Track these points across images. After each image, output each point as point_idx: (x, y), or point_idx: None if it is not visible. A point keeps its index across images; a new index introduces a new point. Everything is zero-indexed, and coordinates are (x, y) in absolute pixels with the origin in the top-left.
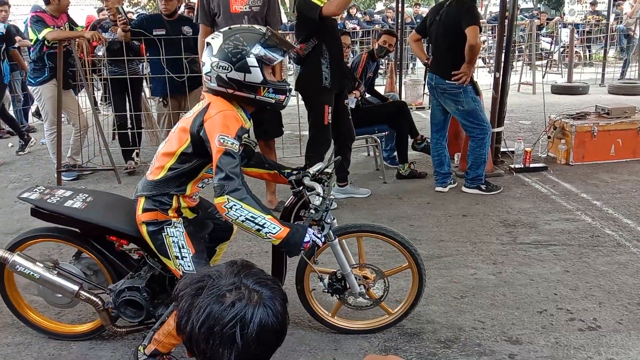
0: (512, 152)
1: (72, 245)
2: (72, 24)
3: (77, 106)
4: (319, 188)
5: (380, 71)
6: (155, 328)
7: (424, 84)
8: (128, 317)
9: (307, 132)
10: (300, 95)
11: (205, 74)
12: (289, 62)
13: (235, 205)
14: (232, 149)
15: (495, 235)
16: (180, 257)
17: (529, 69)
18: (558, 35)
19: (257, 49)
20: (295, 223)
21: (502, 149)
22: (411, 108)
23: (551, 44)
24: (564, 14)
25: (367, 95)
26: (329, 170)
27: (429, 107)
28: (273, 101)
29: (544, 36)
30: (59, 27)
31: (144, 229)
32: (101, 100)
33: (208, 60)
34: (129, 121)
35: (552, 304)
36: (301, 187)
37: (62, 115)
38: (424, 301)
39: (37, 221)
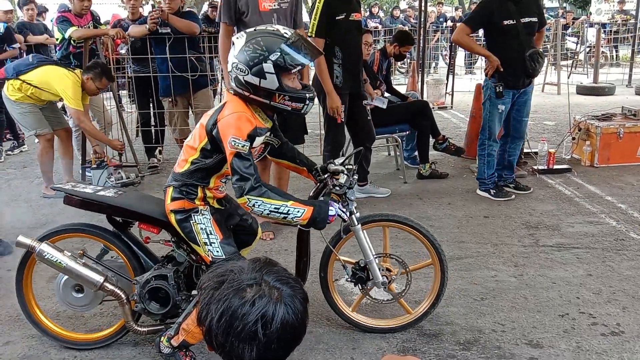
0: (536, 153)
1: (99, 240)
2: (97, 22)
3: (102, 103)
4: (342, 168)
5: (402, 70)
6: (180, 321)
7: (446, 84)
8: (152, 310)
9: None
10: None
11: (228, 72)
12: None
13: (256, 202)
14: (243, 150)
15: (517, 237)
16: (208, 243)
17: (554, 69)
18: (584, 35)
19: (276, 55)
20: (318, 199)
21: (525, 150)
22: (433, 108)
23: (577, 43)
24: (590, 14)
25: (387, 95)
26: (351, 164)
27: (451, 107)
28: (289, 108)
29: (569, 36)
30: (83, 26)
31: (172, 218)
32: (130, 97)
33: (230, 60)
34: (152, 119)
35: (574, 307)
36: (326, 175)
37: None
38: (443, 302)
39: (63, 217)
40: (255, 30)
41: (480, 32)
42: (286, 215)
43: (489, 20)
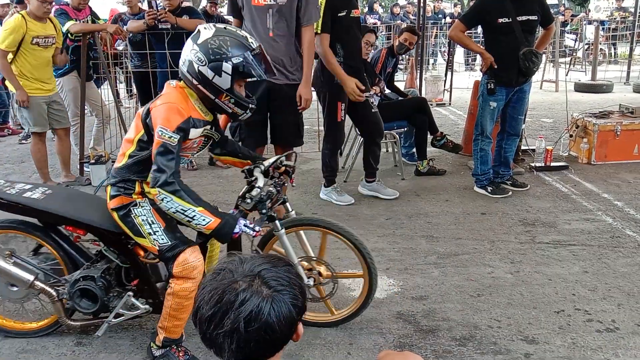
0: (533, 150)
1: (31, 237)
2: (95, 17)
3: (100, 97)
4: (259, 180)
5: (400, 67)
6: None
7: (444, 80)
8: (82, 308)
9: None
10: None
11: (184, 57)
12: None
13: (166, 197)
14: (170, 142)
15: (514, 234)
16: (152, 233)
17: (552, 67)
18: (583, 33)
19: (239, 60)
20: (229, 212)
21: (523, 147)
22: (431, 104)
23: (575, 41)
24: (589, 11)
25: (387, 91)
26: (284, 164)
27: (449, 104)
28: (230, 111)
29: (568, 33)
30: (81, 20)
31: (115, 216)
32: (128, 92)
33: (190, 45)
34: None
35: (569, 304)
36: (253, 178)
37: (85, 107)
38: (440, 298)
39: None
40: (225, 28)
41: (479, 28)
42: (191, 220)
43: (484, 18)
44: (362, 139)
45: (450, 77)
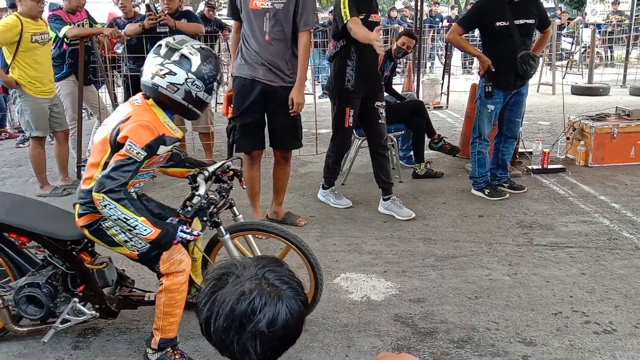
0: (530, 152)
1: None
2: (92, 21)
3: (99, 99)
4: (201, 188)
5: (398, 70)
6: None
7: (442, 84)
8: (29, 314)
9: (323, 130)
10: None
11: (172, 84)
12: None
13: (109, 204)
14: (135, 157)
15: (511, 237)
16: (129, 240)
17: (549, 69)
18: (579, 36)
19: (219, 76)
20: (169, 221)
21: (520, 150)
22: (429, 107)
23: (572, 44)
24: (585, 14)
25: (385, 95)
26: (231, 168)
27: (447, 107)
28: (201, 115)
29: (564, 36)
30: (76, 23)
31: (87, 233)
32: (124, 96)
33: (183, 74)
34: None
35: (567, 306)
36: (196, 184)
37: (82, 111)
38: (437, 301)
39: None
40: (203, 48)
41: (476, 32)
42: (132, 229)
43: (482, 21)
44: (359, 141)
45: (448, 80)
